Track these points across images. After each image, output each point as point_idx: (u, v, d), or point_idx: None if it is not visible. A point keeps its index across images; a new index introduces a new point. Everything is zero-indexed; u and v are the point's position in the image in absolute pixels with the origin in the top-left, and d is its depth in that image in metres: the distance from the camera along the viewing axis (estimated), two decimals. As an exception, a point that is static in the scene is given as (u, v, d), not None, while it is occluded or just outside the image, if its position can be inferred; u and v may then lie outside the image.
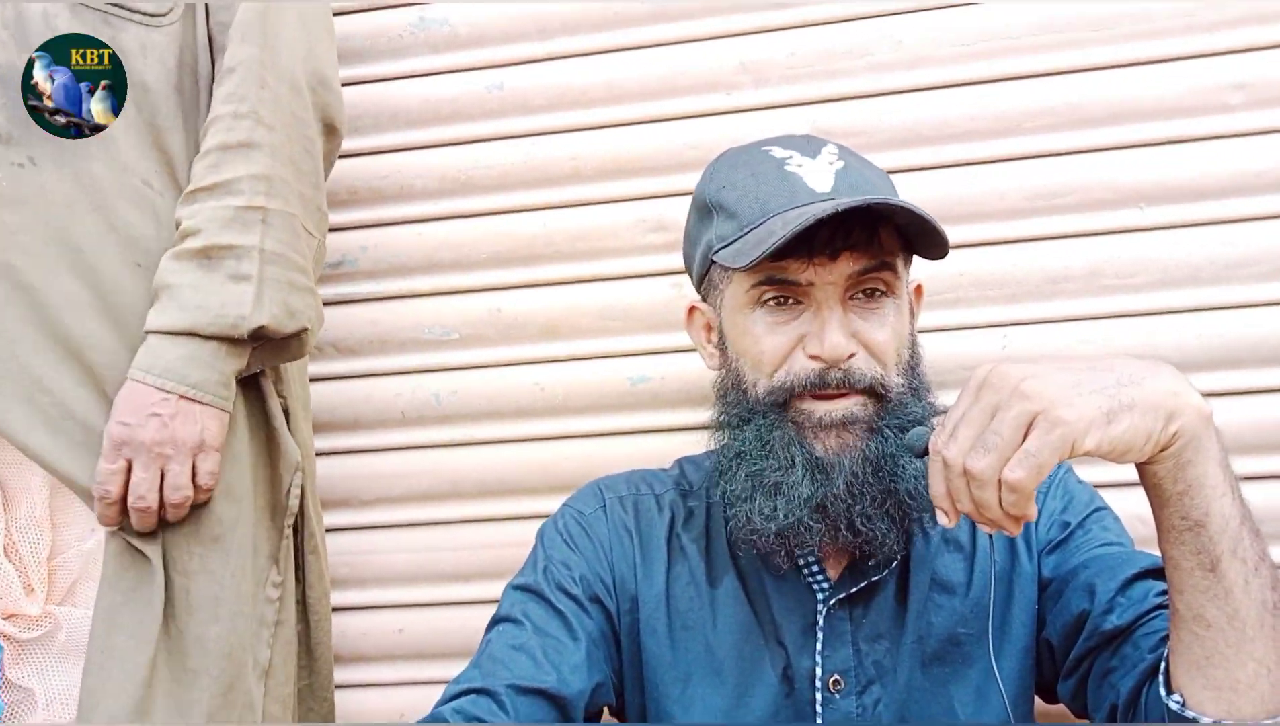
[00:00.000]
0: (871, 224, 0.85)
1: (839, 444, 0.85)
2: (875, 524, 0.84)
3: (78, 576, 1.10)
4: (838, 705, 0.89)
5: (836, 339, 0.84)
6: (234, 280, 1.03)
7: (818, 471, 0.84)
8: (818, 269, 0.85)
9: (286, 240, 1.07)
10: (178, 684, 1.05)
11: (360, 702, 1.33)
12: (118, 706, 1.01)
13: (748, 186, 0.88)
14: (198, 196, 1.05)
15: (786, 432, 0.86)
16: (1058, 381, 0.67)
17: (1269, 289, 1.17)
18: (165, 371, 1.01)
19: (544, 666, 0.87)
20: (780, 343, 0.87)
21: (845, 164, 0.89)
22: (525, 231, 1.33)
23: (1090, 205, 1.21)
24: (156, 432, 1.00)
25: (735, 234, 0.87)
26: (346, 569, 1.34)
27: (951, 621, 0.90)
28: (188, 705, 1.05)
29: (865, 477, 0.84)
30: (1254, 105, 1.18)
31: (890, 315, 0.87)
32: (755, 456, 0.87)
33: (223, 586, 1.07)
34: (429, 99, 1.35)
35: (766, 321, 0.88)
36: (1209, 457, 0.68)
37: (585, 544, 0.96)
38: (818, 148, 0.91)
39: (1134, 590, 0.84)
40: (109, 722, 1.00)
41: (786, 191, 0.86)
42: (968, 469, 0.68)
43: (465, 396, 1.33)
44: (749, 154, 0.93)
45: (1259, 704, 0.69)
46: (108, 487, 1.01)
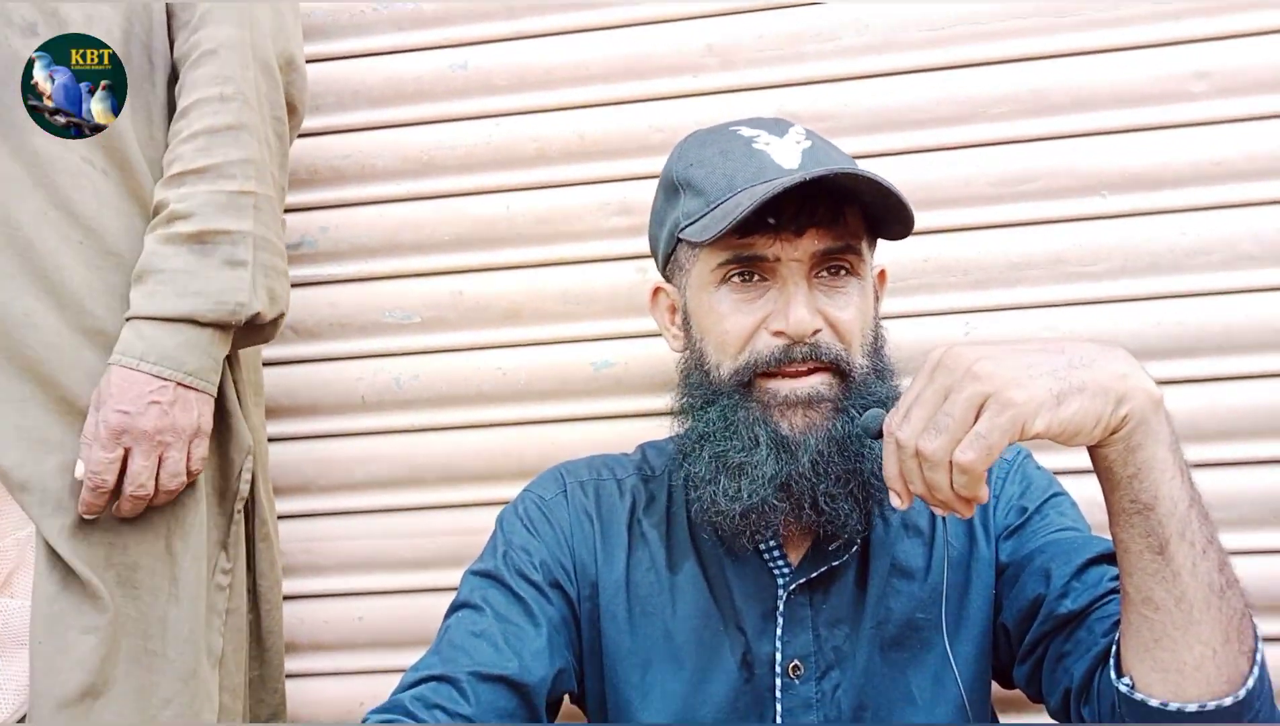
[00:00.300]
0: (837, 203, 0.85)
1: (805, 422, 0.84)
2: (839, 504, 0.84)
3: (15, 565, 1.07)
4: (797, 690, 0.89)
5: (801, 313, 0.84)
6: (230, 266, 1.02)
7: (783, 450, 0.84)
8: (783, 244, 0.84)
9: (270, 224, 1.07)
10: (137, 664, 1.03)
11: (319, 691, 1.31)
12: (65, 691, 0.99)
13: (715, 164, 0.88)
14: (187, 179, 1.03)
15: (751, 412, 0.85)
16: (1009, 363, 0.67)
17: (1225, 278, 1.18)
18: (163, 358, 0.99)
19: (505, 653, 0.86)
20: (744, 322, 0.86)
21: (813, 144, 0.89)
22: (488, 213, 1.31)
23: (1054, 192, 1.22)
24: (158, 420, 0.99)
25: (702, 210, 0.87)
26: (306, 555, 1.32)
27: (910, 606, 0.90)
28: (148, 687, 1.03)
29: (830, 456, 0.83)
30: (1216, 94, 1.19)
31: (855, 295, 0.88)
32: (719, 437, 0.86)
33: (182, 568, 1.06)
34: (392, 77, 1.33)
35: (731, 299, 0.87)
36: (1158, 441, 0.68)
37: (546, 529, 0.95)
38: (785, 128, 0.91)
39: (1089, 575, 0.84)
40: (61, 708, 0.98)
41: (754, 167, 0.86)
42: (920, 450, 0.68)
43: (427, 381, 1.31)
44: (717, 134, 0.92)
45: (1204, 685, 0.70)
46: (104, 477, 0.98)
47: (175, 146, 1.05)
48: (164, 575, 1.05)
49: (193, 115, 1.05)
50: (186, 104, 1.05)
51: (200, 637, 1.07)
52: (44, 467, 1.01)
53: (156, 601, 1.04)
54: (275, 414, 1.33)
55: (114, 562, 1.03)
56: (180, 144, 1.04)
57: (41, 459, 1.01)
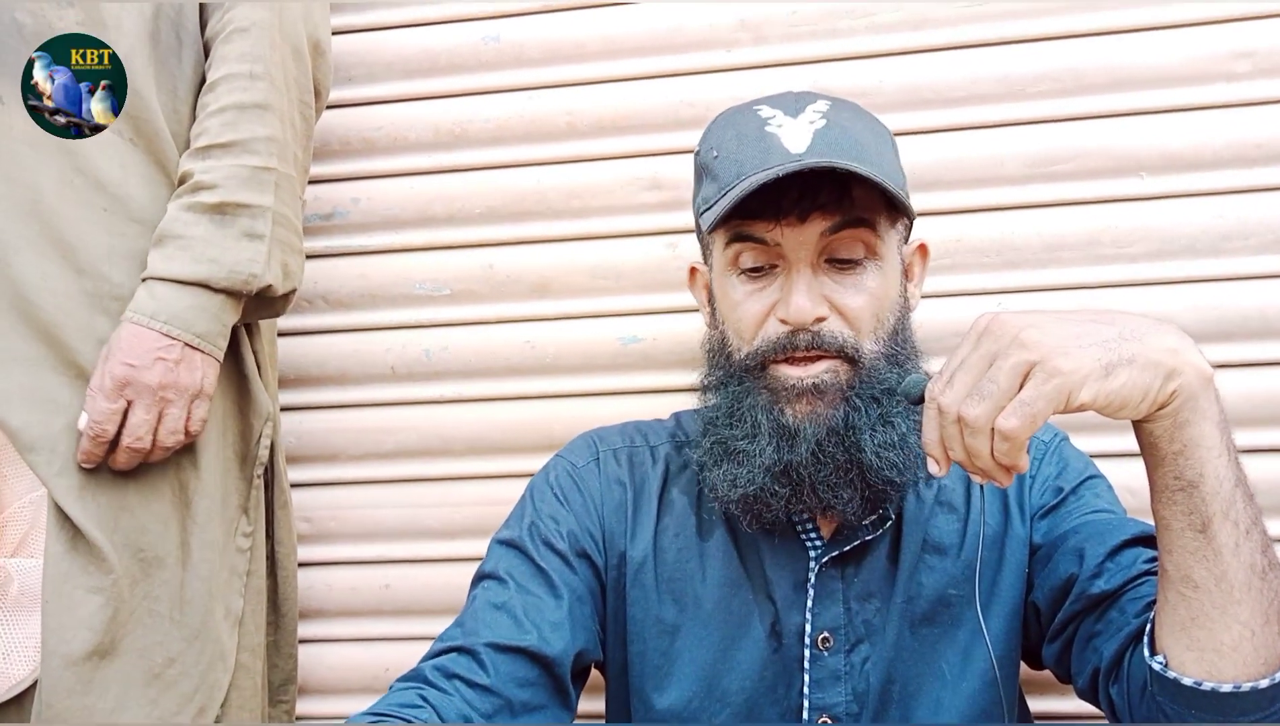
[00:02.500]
0: (844, 183, 0.84)
1: (808, 411, 0.85)
2: (839, 491, 0.84)
3: (29, 527, 1.09)
4: (825, 662, 0.89)
5: (801, 302, 0.84)
6: (248, 238, 1.05)
7: (783, 439, 0.84)
8: (785, 231, 0.84)
9: (289, 202, 1.10)
10: (143, 625, 1.06)
11: (345, 656, 1.33)
12: (71, 650, 1.01)
13: (729, 149, 0.88)
14: (213, 152, 1.05)
15: (757, 398, 0.86)
16: (1058, 332, 0.66)
17: (1263, 262, 1.17)
18: (172, 318, 1.02)
19: (525, 625, 0.87)
20: (755, 309, 0.87)
21: (827, 122, 0.86)
22: (519, 187, 1.31)
23: (1090, 173, 1.20)
24: (162, 376, 1.01)
25: (715, 196, 0.87)
26: (334, 523, 1.33)
27: (942, 582, 0.91)
28: (153, 647, 1.06)
29: (829, 447, 0.84)
30: (1260, 74, 1.17)
31: (869, 279, 0.86)
32: (722, 424, 0.88)
33: (191, 532, 1.08)
34: (424, 49, 1.33)
35: (744, 288, 0.88)
36: (1207, 418, 0.68)
37: (576, 498, 0.95)
38: (804, 105, 0.89)
39: (1123, 556, 0.84)
40: (68, 666, 1.01)
41: (761, 153, 0.85)
42: (962, 416, 0.68)
43: (456, 353, 1.31)
44: (740, 114, 0.92)
45: (1240, 666, 0.70)
46: (105, 427, 1.01)
47: (203, 120, 1.07)
48: (172, 538, 1.07)
49: (221, 89, 1.07)
50: (216, 77, 1.07)
51: (210, 599, 1.09)
52: (52, 428, 1.03)
53: (165, 564, 1.07)
54: (305, 383, 1.34)
55: (122, 525, 1.05)
56: (208, 117, 1.06)
57: (50, 420, 1.03)
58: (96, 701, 1.02)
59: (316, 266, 1.34)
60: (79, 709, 1.01)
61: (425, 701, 0.81)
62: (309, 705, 1.33)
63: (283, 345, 1.33)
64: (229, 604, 1.12)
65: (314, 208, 1.34)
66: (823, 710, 0.89)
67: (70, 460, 1.03)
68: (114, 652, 1.03)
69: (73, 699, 1.01)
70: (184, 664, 1.07)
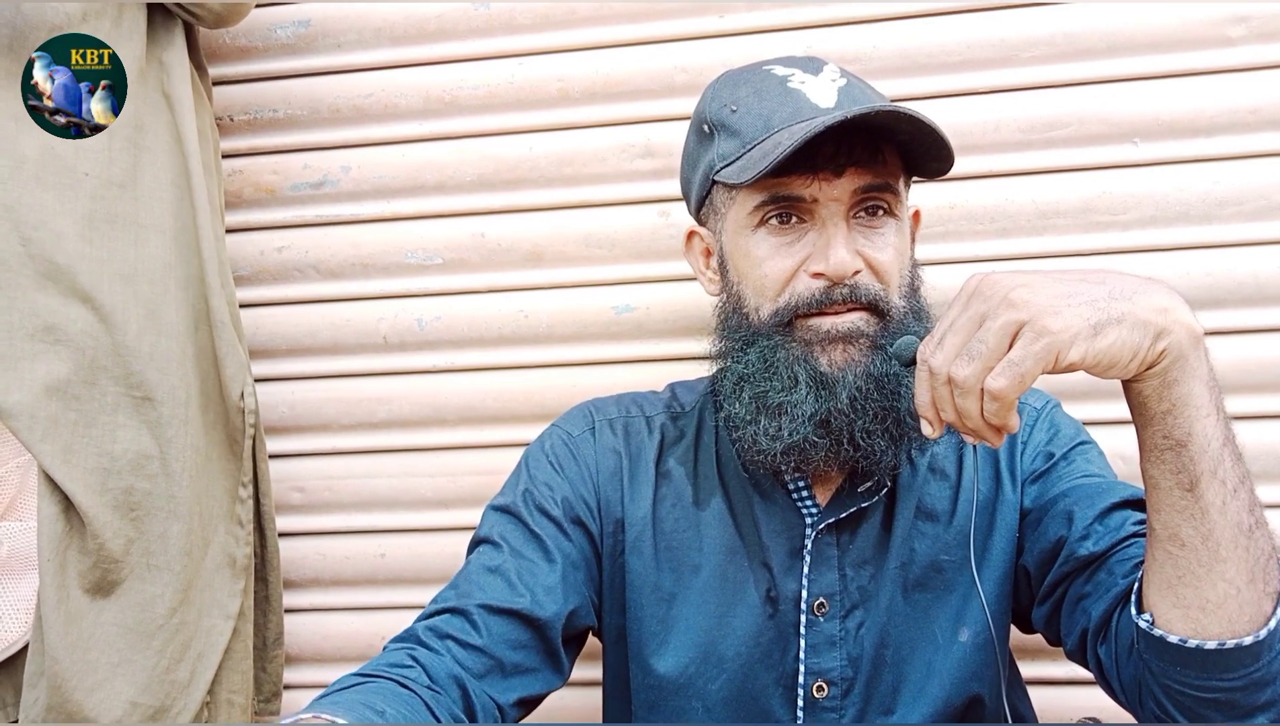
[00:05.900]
0: (875, 142, 0.84)
1: (844, 358, 0.85)
2: (875, 439, 0.84)
3: (17, 490, 1.10)
4: (821, 628, 0.90)
5: (842, 255, 0.83)
6: None
7: (821, 387, 0.84)
8: (822, 185, 0.84)
9: None
10: (139, 579, 1.07)
11: (341, 625, 1.33)
12: (72, 608, 1.03)
13: (750, 104, 0.87)
14: None
15: (791, 352, 0.86)
16: (1047, 291, 0.66)
17: (1257, 228, 1.17)
18: None
19: (518, 588, 0.87)
20: (784, 265, 0.86)
21: (848, 82, 0.88)
22: (510, 154, 1.30)
23: (1085, 139, 1.20)
24: None
25: (738, 151, 0.86)
26: (329, 493, 1.33)
27: (935, 549, 0.91)
28: (150, 600, 1.07)
29: (869, 392, 0.84)
30: (1255, 39, 1.16)
31: (892, 235, 0.87)
32: (759, 378, 0.87)
33: (177, 484, 1.09)
34: (414, 16, 1.31)
35: (770, 242, 0.87)
36: (1196, 377, 0.68)
37: (571, 466, 0.96)
38: (819, 66, 0.90)
39: (1112, 518, 0.84)
40: (70, 622, 1.02)
41: (790, 107, 0.85)
42: (952, 376, 0.68)
43: (448, 322, 1.31)
44: (751, 73, 0.91)
45: (1226, 624, 0.70)
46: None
47: None
48: (160, 493, 1.09)
49: None
50: None
51: (202, 550, 1.11)
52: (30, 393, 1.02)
53: (155, 518, 1.08)
54: (297, 353, 1.33)
55: (110, 486, 1.06)
56: None
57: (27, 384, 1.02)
58: (100, 657, 1.04)
59: (307, 235, 1.33)
60: (83, 664, 1.02)
61: (415, 661, 0.82)
62: (304, 674, 1.33)
63: (274, 315, 1.33)
64: (232, 552, 1.14)
65: (304, 176, 1.33)
66: (818, 674, 0.89)
67: (51, 425, 1.02)
68: (114, 607, 1.05)
69: (75, 654, 1.02)
70: (183, 615, 1.09)
